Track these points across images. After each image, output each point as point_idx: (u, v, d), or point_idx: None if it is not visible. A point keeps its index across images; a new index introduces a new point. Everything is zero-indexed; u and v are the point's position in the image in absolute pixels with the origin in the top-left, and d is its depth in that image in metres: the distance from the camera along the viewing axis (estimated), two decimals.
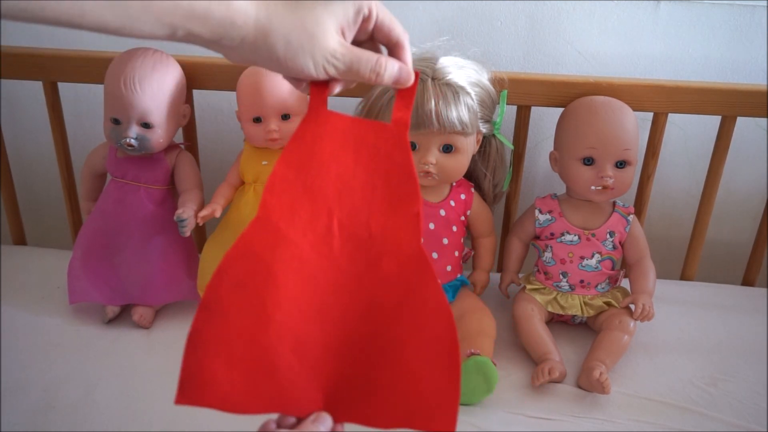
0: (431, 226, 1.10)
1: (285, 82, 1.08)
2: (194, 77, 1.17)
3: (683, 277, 1.33)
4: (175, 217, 1.08)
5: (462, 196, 1.13)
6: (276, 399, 0.61)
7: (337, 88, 0.65)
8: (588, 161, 1.10)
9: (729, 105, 1.17)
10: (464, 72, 1.05)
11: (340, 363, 0.63)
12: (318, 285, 0.63)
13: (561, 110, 1.16)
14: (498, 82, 1.12)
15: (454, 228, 1.12)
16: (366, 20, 0.61)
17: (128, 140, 1.07)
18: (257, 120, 1.10)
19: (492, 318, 1.09)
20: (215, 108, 1.36)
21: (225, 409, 0.60)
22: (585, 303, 1.13)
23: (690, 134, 1.35)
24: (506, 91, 1.13)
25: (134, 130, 1.08)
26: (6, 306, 1.16)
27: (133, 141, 1.08)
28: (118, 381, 1.02)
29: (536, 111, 1.22)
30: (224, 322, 0.60)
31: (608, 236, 1.13)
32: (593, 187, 1.09)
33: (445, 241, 1.10)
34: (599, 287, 1.14)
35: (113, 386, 1.01)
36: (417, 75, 0.65)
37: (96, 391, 1.00)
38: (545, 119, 1.30)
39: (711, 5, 1.24)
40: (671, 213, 1.43)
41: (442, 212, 1.11)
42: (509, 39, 1.29)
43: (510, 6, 1.26)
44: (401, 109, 0.65)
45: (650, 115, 1.20)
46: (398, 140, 0.65)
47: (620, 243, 1.15)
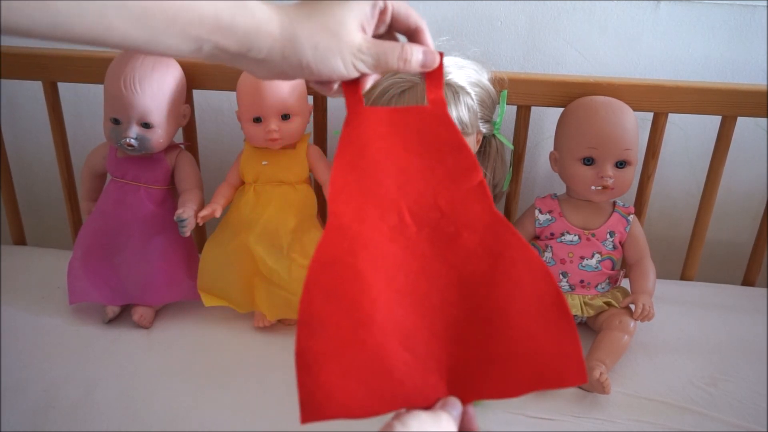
0: None
1: (285, 83, 1.09)
2: (194, 77, 1.17)
3: (683, 277, 1.33)
4: (175, 217, 1.08)
5: None
6: (398, 395, 0.60)
7: (369, 83, 0.66)
8: (588, 161, 1.10)
9: (729, 105, 1.17)
10: (464, 72, 1.05)
11: (452, 345, 0.62)
12: (407, 275, 0.63)
13: (561, 110, 1.16)
14: (498, 82, 1.12)
15: None
16: (383, 13, 0.62)
17: (128, 140, 1.07)
18: (257, 120, 1.10)
19: None
20: (215, 108, 1.36)
21: (351, 417, 0.59)
22: (585, 303, 1.13)
23: (690, 134, 1.35)
24: (506, 91, 1.13)
25: (134, 130, 1.08)
26: (6, 306, 1.16)
27: (133, 141, 1.08)
28: (118, 381, 1.02)
29: (536, 111, 1.22)
30: (327, 334, 0.59)
31: (608, 236, 1.13)
32: (593, 187, 1.09)
33: None
34: (599, 287, 1.14)
35: (113, 386, 1.01)
36: (441, 55, 0.66)
37: (96, 391, 1.00)
38: (545, 119, 1.30)
39: (711, 5, 1.24)
40: (671, 213, 1.43)
41: None
42: (509, 39, 1.28)
43: (510, 6, 1.26)
44: (434, 90, 0.67)
45: (650, 115, 1.20)
46: (440, 118, 0.66)
47: (620, 243, 1.15)
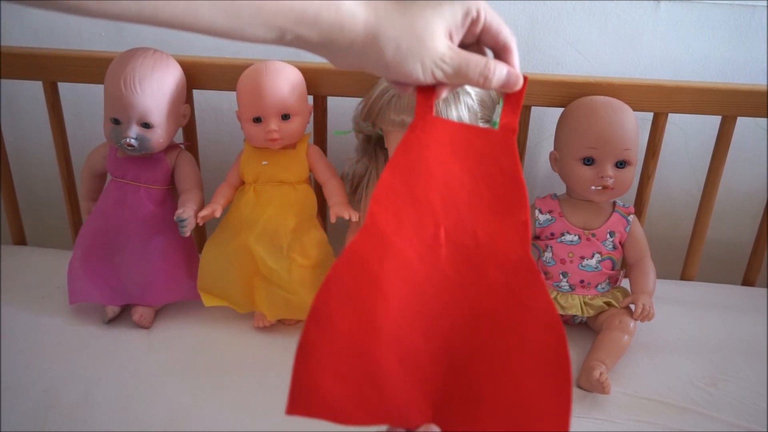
0: None
1: (285, 82, 1.09)
2: (194, 77, 1.17)
3: (683, 277, 1.33)
4: (175, 217, 1.08)
5: None
6: (384, 411, 0.60)
7: (444, 93, 0.64)
8: (588, 161, 1.10)
9: (729, 105, 1.16)
10: None
11: (448, 374, 0.62)
12: (425, 295, 0.62)
13: (561, 110, 1.16)
14: None
15: None
16: (474, 23, 0.60)
17: (128, 140, 1.07)
18: (257, 120, 1.10)
19: None
20: (215, 108, 1.36)
21: (334, 420, 0.59)
22: (585, 303, 1.13)
23: (690, 134, 1.35)
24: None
25: (134, 130, 1.08)
26: (6, 306, 1.16)
27: (133, 141, 1.07)
28: (118, 381, 1.02)
29: (536, 111, 1.22)
30: (333, 335, 0.59)
31: (608, 236, 1.13)
32: (593, 187, 1.09)
33: None
34: (599, 287, 1.14)
35: (113, 386, 1.01)
36: (525, 79, 0.63)
37: (96, 391, 1.00)
38: (545, 119, 1.30)
39: (711, 5, 1.24)
40: (671, 213, 1.43)
41: None
42: None
43: (510, 6, 1.26)
44: (509, 115, 0.63)
45: (650, 115, 1.20)
46: (506, 146, 0.63)
47: (620, 243, 1.15)
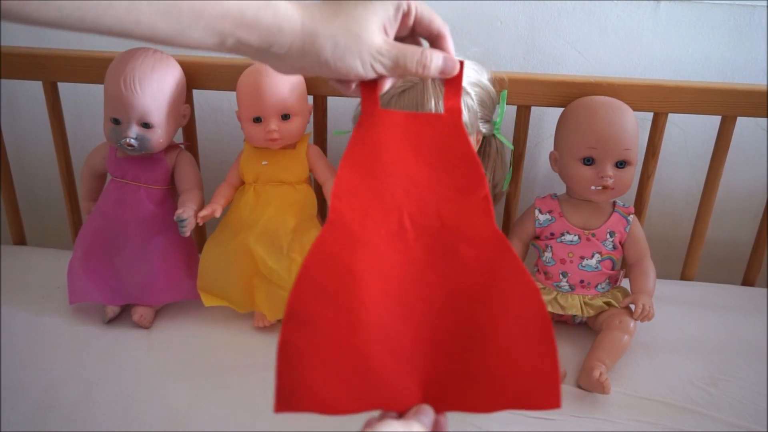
0: None
1: (285, 82, 1.09)
2: (194, 77, 1.17)
3: (683, 277, 1.33)
4: (175, 217, 1.08)
5: None
6: (374, 397, 0.61)
7: (387, 85, 0.66)
8: (588, 161, 1.10)
9: (729, 105, 1.17)
10: (464, 72, 1.05)
11: (434, 354, 0.63)
12: (399, 280, 0.63)
13: (561, 110, 1.16)
14: (498, 82, 1.12)
15: None
16: (406, 16, 0.63)
17: (128, 140, 1.07)
18: (257, 120, 1.10)
19: None
20: (215, 108, 1.36)
21: (324, 412, 0.59)
22: (585, 303, 1.13)
23: (690, 134, 1.35)
24: (506, 91, 1.13)
25: (134, 130, 1.08)
26: (6, 306, 1.16)
27: (133, 141, 1.07)
28: (118, 381, 1.02)
29: (536, 111, 1.22)
30: (313, 330, 0.60)
31: (608, 236, 1.13)
32: (593, 187, 1.09)
33: None
34: (599, 287, 1.14)
35: (113, 386, 1.01)
36: (462, 63, 0.66)
37: (96, 391, 1.00)
38: (545, 119, 1.30)
39: (711, 5, 1.24)
40: (671, 213, 1.43)
41: None
42: (509, 39, 1.28)
43: (510, 6, 1.26)
44: (451, 98, 0.67)
45: (650, 115, 1.20)
46: (454, 128, 0.66)
47: (620, 243, 1.15)
